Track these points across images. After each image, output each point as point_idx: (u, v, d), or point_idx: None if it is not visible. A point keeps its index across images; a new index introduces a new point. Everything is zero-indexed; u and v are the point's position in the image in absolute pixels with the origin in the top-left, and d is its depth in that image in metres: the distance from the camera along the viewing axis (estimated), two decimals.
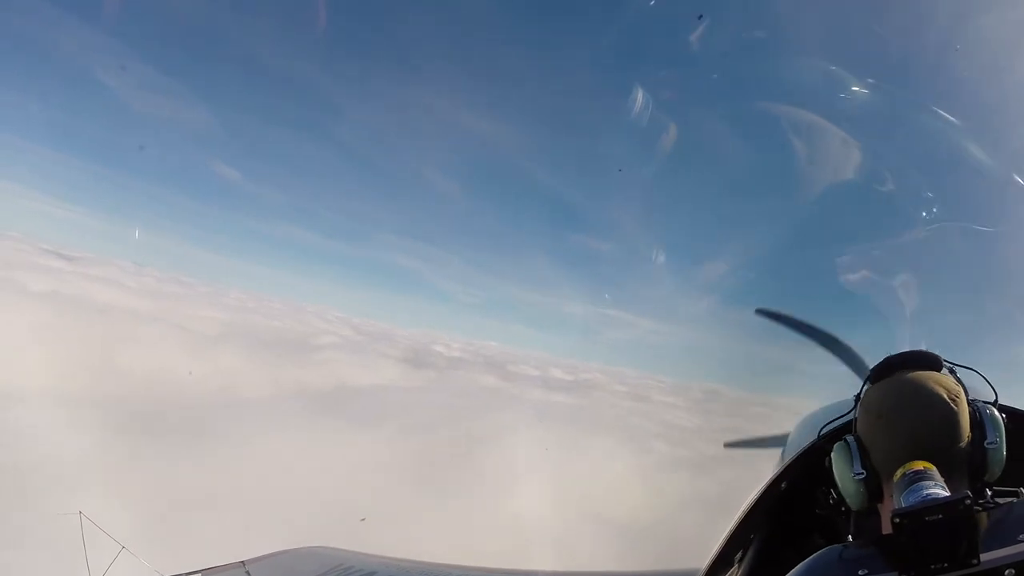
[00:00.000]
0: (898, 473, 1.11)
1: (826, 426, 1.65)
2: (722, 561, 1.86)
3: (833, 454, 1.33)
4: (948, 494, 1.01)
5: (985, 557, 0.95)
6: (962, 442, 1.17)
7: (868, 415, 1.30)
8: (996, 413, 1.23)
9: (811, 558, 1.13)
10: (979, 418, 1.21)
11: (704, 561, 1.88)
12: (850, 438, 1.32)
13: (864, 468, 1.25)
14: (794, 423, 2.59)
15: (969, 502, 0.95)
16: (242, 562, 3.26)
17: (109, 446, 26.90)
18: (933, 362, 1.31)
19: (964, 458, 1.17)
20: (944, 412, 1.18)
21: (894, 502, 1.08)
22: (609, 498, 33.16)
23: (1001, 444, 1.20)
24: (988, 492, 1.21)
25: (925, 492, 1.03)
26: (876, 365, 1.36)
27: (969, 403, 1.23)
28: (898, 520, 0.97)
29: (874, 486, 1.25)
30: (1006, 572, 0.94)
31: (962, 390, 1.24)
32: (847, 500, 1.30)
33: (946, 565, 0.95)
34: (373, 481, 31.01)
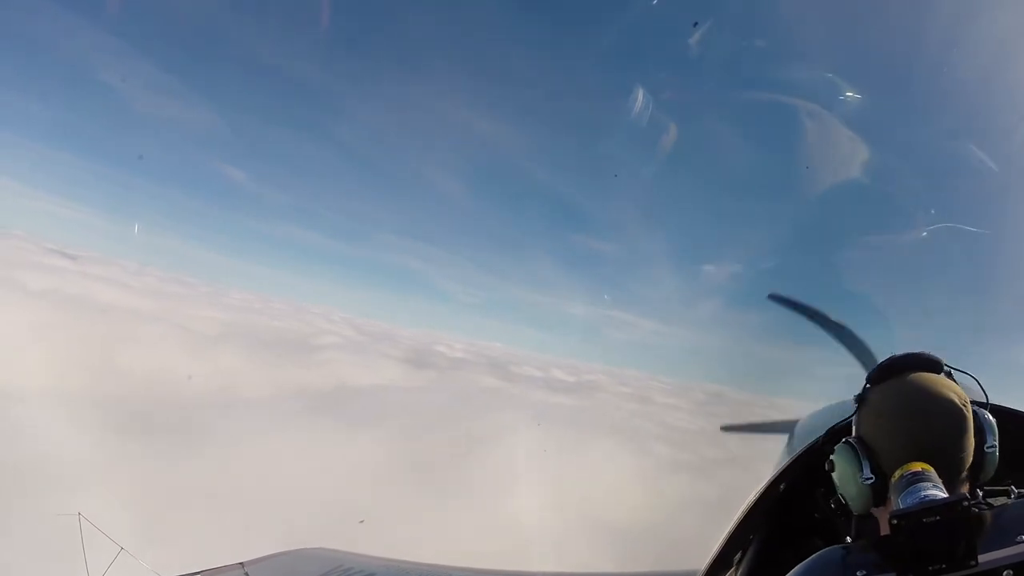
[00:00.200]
0: (896, 474, 1.11)
1: (832, 427, 1.65)
2: (721, 562, 1.86)
3: (836, 456, 1.30)
4: (946, 495, 1.02)
5: (983, 558, 0.96)
6: (966, 446, 1.18)
7: (870, 416, 1.28)
8: (991, 417, 1.24)
9: (809, 559, 1.14)
10: (980, 422, 1.21)
11: (703, 562, 1.88)
12: (853, 440, 1.30)
13: (873, 472, 1.23)
14: (791, 417, 2.59)
15: (967, 504, 0.96)
16: (241, 563, 3.25)
17: (109, 446, 26.97)
18: (934, 365, 1.30)
19: (965, 461, 1.18)
20: (955, 417, 1.18)
21: (892, 503, 1.09)
22: (609, 500, 33.14)
23: (997, 447, 1.21)
24: (979, 492, 1.22)
25: (923, 493, 1.03)
26: (877, 366, 1.34)
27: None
28: (896, 521, 0.97)
29: (880, 490, 1.23)
30: (1004, 573, 0.95)
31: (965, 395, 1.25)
32: (850, 503, 1.27)
33: (944, 566, 0.95)
34: (373, 481, 31.02)
